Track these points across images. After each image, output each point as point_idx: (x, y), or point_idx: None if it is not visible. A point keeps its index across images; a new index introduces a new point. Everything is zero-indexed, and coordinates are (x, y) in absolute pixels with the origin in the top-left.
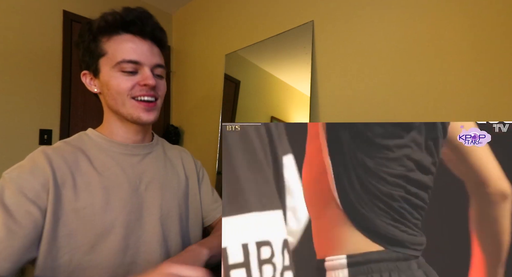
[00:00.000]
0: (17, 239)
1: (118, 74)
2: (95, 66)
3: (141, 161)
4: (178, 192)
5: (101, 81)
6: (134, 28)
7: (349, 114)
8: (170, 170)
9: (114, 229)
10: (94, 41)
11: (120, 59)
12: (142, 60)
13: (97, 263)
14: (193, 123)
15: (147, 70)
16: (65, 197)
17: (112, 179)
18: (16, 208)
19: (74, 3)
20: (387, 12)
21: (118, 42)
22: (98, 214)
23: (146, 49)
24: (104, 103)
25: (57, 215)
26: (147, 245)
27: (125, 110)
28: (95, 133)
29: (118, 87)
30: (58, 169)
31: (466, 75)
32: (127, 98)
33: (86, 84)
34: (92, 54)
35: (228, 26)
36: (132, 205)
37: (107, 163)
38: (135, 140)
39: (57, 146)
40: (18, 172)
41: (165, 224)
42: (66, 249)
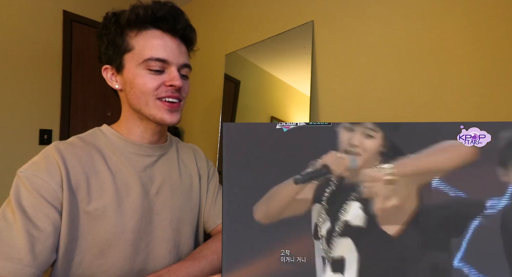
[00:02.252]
0: (40, 243)
1: (144, 72)
2: (119, 61)
3: (155, 162)
4: (191, 194)
5: (124, 78)
6: (164, 25)
7: (349, 114)
8: (184, 171)
9: (124, 234)
10: (120, 35)
11: (148, 56)
12: (170, 59)
13: (107, 268)
14: (193, 123)
15: (174, 70)
16: (78, 197)
17: (124, 181)
18: (34, 210)
19: (74, 3)
20: (387, 12)
21: (146, 38)
22: (109, 217)
23: (175, 47)
24: (124, 101)
25: (72, 215)
26: (156, 251)
27: (147, 111)
28: (110, 131)
29: (144, 87)
30: (72, 167)
31: (466, 75)
32: (152, 99)
33: (107, 80)
34: (118, 48)
35: (228, 26)
36: (143, 210)
37: (120, 163)
38: (151, 140)
39: (71, 142)
40: (33, 170)
41: (176, 229)
42: (76, 251)
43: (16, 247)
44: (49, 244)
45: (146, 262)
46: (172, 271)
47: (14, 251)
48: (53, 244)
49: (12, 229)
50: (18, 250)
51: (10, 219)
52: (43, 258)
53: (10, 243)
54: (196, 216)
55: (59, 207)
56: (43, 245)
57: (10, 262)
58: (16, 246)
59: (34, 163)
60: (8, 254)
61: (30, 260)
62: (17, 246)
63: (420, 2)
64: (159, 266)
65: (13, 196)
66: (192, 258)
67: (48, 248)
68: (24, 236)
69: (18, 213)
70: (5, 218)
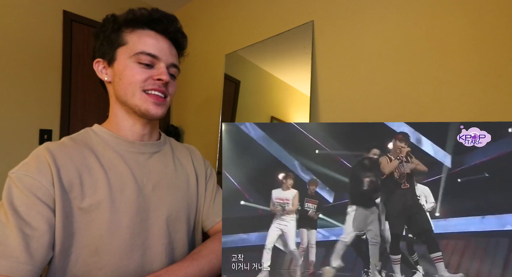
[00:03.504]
0: (34, 241)
1: (134, 64)
2: (111, 54)
3: (148, 159)
4: (188, 193)
5: (115, 70)
6: (158, 26)
7: (349, 114)
8: (180, 169)
9: (119, 230)
10: (117, 31)
11: (140, 50)
12: (160, 55)
13: (102, 265)
14: (193, 123)
15: (163, 66)
16: (72, 194)
17: (118, 178)
18: (27, 209)
19: (74, 3)
20: (387, 12)
21: (140, 36)
22: (103, 213)
23: (166, 47)
24: (111, 94)
25: (65, 212)
26: (153, 248)
27: (133, 102)
28: (101, 129)
29: (132, 78)
30: (62, 165)
31: (466, 75)
32: (138, 90)
33: (97, 72)
34: (112, 43)
35: (228, 26)
36: (138, 206)
37: (113, 159)
38: (142, 134)
39: (61, 142)
40: (24, 170)
41: (172, 226)
42: (72, 248)
43: (10, 246)
44: (44, 242)
45: (142, 260)
46: (171, 271)
47: (9, 249)
48: (48, 242)
49: (6, 228)
50: (13, 248)
51: (3, 220)
52: (40, 256)
53: (5, 242)
54: (193, 215)
55: (52, 205)
56: (38, 242)
57: (6, 260)
58: (10, 245)
59: (25, 163)
60: (4, 253)
61: (26, 258)
62: (11, 244)
63: (420, 2)
64: (155, 264)
65: (5, 197)
66: (191, 258)
67: (43, 246)
68: (17, 234)
69: (11, 213)
70: None
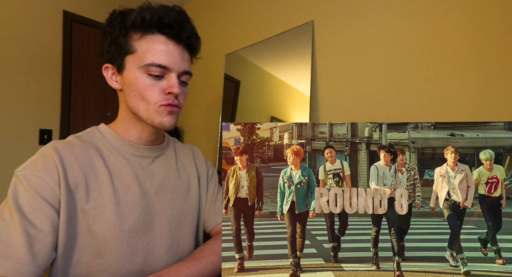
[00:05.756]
0: (38, 242)
1: (144, 76)
2: (120, 61)
3: (151, 163)
4: (190, 194)
5: (125, 79)
6: (170, 32)
7: (349, 114)
8: (182, 172)
9: (122, 233)
10: (124, 36)
11: (149, 61)
12: (171, 65)
13: (105, 267)
14: (193, 123)
15: (174, 77)
16: (76, 195)
17: (122, 180)
18: (32, 209)
19: (74, 3)
20: (387, 12)
21: (150, 43)
22: (107, 216)
23: (178, 54)
24: (122, 101)
25: (69, 213)
26: (155, 251)
27: (146, 115)
28: (107, 130)
29: (144, 93)
30: (69, 166)
31: (466, 75)
32: (153, 107)
33: (107, 79)
34: (120, 48)
35: (228, 26)
36: (141, 209)
37: (118, 162)
38: (148, 140)
39: (68, 141)
40: (31, 169)
41: (175, 229)
42: (75, 250)
43: (14, 246)
44: (47, 243)
45: (145, 262)
46: (173, 271)
47: (12, 250)
48: (51, 243)
49: (10, 228)
50: (16, 249)
51: (7, 219)
52: (42, 257)
53: (8, 242)
54: (196, 216)
55: (57, 205)
56: (41, 243)
57: (9, 261)
58: (14, 245)
59: (32, 162)
60: (7, 253)
61: (28, 259)
62: (15, 245)
63: (420, 3)
64: (158, 266)
65: (11, 195)
66: (193, 258)
67: (46, 247)
68: (22, 235)
69: (16, 212)
70: (2, 217)
